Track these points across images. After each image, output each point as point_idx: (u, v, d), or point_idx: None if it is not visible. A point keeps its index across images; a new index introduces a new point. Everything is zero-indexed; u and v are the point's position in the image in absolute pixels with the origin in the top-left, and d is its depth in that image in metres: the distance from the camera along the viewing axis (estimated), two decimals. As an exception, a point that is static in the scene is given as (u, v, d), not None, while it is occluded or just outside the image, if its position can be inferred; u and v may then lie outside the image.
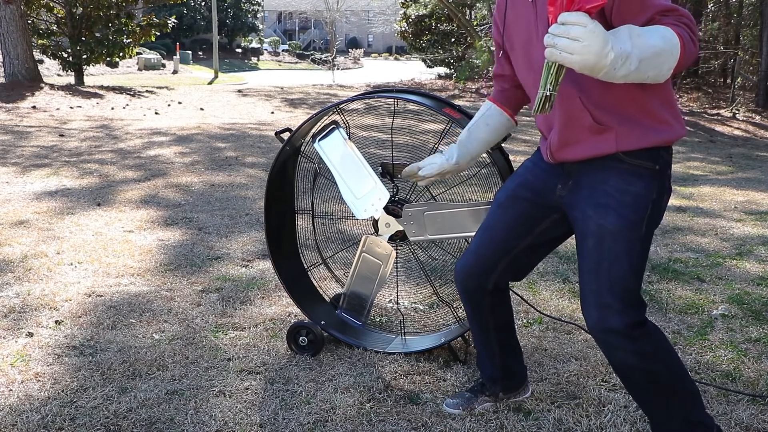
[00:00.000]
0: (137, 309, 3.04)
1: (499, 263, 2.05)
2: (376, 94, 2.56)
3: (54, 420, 2.13)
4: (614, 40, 1.51)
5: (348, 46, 53.73)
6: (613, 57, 1.50)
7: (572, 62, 1.51)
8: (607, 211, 1.76)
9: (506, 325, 2.22)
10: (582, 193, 1.82)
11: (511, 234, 2.01)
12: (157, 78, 25.79)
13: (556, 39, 1.51)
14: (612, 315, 1.75)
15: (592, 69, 1.52)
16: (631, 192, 1.76)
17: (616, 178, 1.77)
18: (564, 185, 1.88)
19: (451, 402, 2.26)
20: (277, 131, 2.64)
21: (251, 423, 2.15)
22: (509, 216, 2.01)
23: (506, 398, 2.27)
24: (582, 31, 1.48)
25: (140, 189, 5.51)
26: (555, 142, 1.84)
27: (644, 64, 1.54)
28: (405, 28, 23.11)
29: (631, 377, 1.84)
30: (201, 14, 38.44)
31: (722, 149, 9.83)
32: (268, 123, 10.53)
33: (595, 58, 1.49)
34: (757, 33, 16.01)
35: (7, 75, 14.69)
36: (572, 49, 1.49)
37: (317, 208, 2.79)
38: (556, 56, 1.52)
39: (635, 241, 1.76)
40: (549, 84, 1.59)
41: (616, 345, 1.78)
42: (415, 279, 2.96)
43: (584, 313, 1.82)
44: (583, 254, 1.82)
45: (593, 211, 1.78)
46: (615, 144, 1.75)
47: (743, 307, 3.16)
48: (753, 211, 5.27)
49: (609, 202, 1.77)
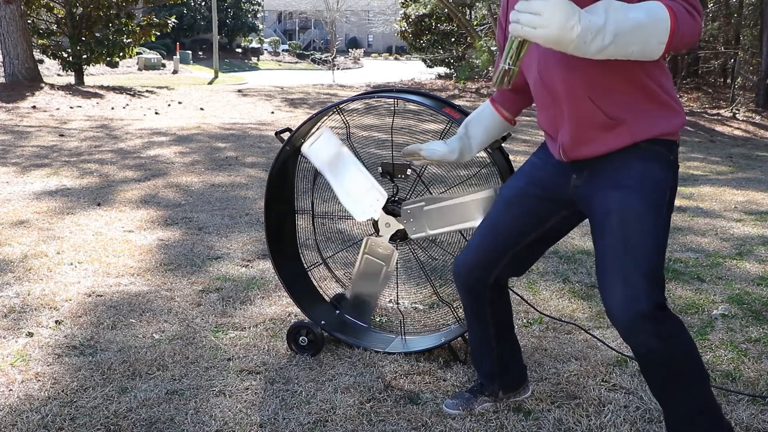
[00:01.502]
0: (137, 309, 3.04)
1: (502, 259, 2.05)
2: (376, 94, 2.56)
3: (54, 420, 2.13)
4: (583, 13, 1.50)
5: (348, 46, 53.73)
6: (580, 30, 1.48)
7: (535, 36, 1.51)
8: (630, 191, 1.75)
9: (505, 321, 2.22)
10: (601, 177, 1.81)
11: (516, 231, 2.01)
12: (157, 78, 25.79)
13: (519, 15, 1.51)
14: (639, 295, 1.70)
15: (558, 42, 1.50)
16: (652, 175, 1.76)
17: (636, 162, 1.77)
18: (579, 175, 1.86)
19: (450, 402, 2.26)
20: (277, 131, 2.64)
21: (251, 423, 2.15)
22: (516, 213, 2.00)
23: (506, 398, 2.27)
24: (542, 4, 1.48)
25: (140, 189, 5.51)
26: (567, 142, 1.82)
27: (623, 38, 1.52)
28: (405, 28, 23.11)
29: (652, 362, 1.79)
30: (201, 14, 38.44)
31: (722, 149, 9.83)
32: (268, 123, 10.53)
33: (558, 31, 1.48)
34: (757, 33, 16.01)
35: (7, 75, 14.69)
36: (534, 23, 1.49)
37: (317, 208, 2.79)
38: (518, 31, 1.52)
39: (660, 221, 1.75)
40: (509, 58, 1.61)
41: (640, 328, 1.71)
42: (415, 279, 2.96)
43: (607, 292, 1.75)
44: (605, 234, 1.77)
45: (617, 192, 1.77)
46: (630, 136, 1.75)
47: (743, 307, 3.16)
48: (753, 211, 5.27)
49: (632, 184, 1.76)
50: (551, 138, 1.92)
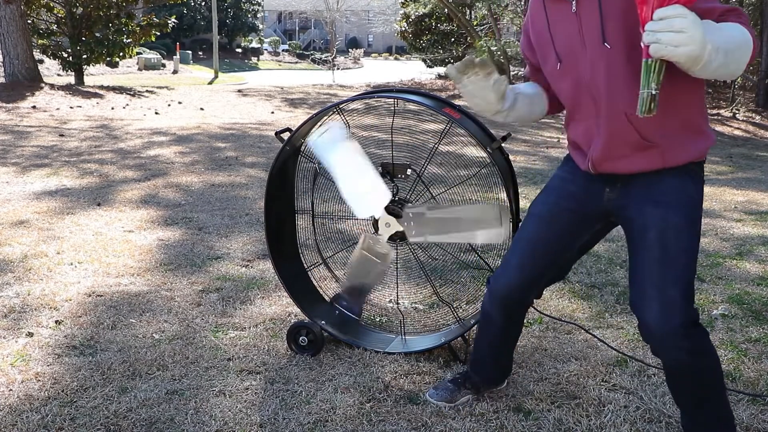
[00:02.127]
0: (137, 309, 3.04)
1: (542, 278, 2.06)
2: (376, 94, 2.56)
3: (54, 420, 2.13)
4: (706, 31, 1.50)
5: (348, 46, 53.72)
6: (710, 48, 1.49)
7: (679, 54, 1.49)
8: (668, 207, 1.77)
9: (521, 328, 2.26)
10: (636, 192, 1.82)
11: (555, 249, 2.00)
12: (157, 78, 25.77)
13: (659, 35, 1.48)
14: (675, 311, 1.72)
15: (696, 59, 1.50)
16: (687, 191, 1.78)
17: (670, 178, 1.78)
18: (612, 188, 1.86)
19: (433, 393, 2.29)
20: (277, 131, 2.63)
21: (251, 423, 2.15)
22: (552, 231, 1.98)
23: (486, 391, 2.31)
24: (685, 22, 1.46)
25: (140, 189, 5.51)
26: (597, 156, 1.81)
27: (729, 57, 1.54)
28: (405, 28, 23.10)
29: (680, 374, 1.82)
30: (201, 14, 38.42)
31: (722, 149, 9.83)
32: (268, 123, 10.53)
33: (700, 49, 1.48)
34: (757, 33, 16.01)
35: (7, 75, 14.68)
36: (678, 41, 1.47)
37: (317, 208, 2.79)
38: (662, 51, 1.49)
39: (695, 238, 1.78)
40: (652, 82, 1.55)
41: (674, 343, 1.74)
42: (415, 279, 2.96)
43: (643, 308, 1.76)
44: (642, 248, 1.78)
45: (654, 208, 1.78)
46: (661, 161, 1.77)
47: (743, 307, 3.16)
48: (753, 211, 5.27)
49: (669, 200, 1.77)
50: (580, 150, 1.90)
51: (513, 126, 10.77)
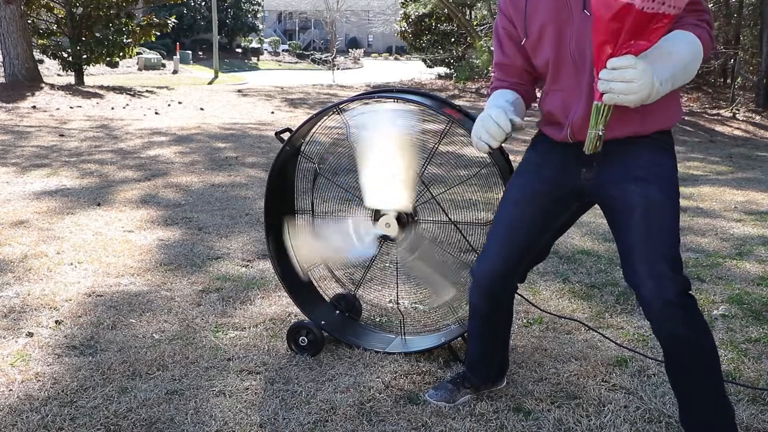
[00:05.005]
0: (137, 309, 3.04)
1: (523, 262, 2.09)
2: (376, 94, 2.55)
3: (54, 420, 2.13)
4: (655, 69, 1.63)
5: (348, 46, 53.70)
6: (658, 85, 1.64)
7: (628, 101, 1.64)
8: (648, 184, 1.82)
9: (510, 319, 2.28)
10: (614, 170, 1.86)
11: (533, 232, 2.02)
12: (157, 78, 25.78)
13: (612, 84, 1.63)
14: (667, 283, 1.79)
15: (646, 100, 1.65)
16: (664, 165, 1.85)
17: (647, 153, 1.85)
18: (589, 168, 1.90)
19: (433, 393, 2.29)
20: (277, 131, 2.63)
21: (251, 423, 2.15)
22: (529, 215, 2.00)
23: (485, 390, 2.31)
24: (634, 73, 1.60)
25: (140, 189, 5.51)
26: (578, 122, 1.86)
27: (678, 79, 1.70)
28: (405, 28, 23.09)
29: (680, 351, 1.85)
30: (201, 14, 38.42)
31: (722, 149, 9.83)
32: (268, 123, 10.53)
33: (648, 92, 1.63)
34: (757, 33, 16.00)
35: (7, 75, 14.68)
36: (628, 90, 1.62)
37: (317, 208, 2.79)
38: (614, 99, 1.65)
39: (676, 209, 1.84)
40: (600, 124, 1.73)
41: (670, 315, 1.80)
42: (415, 279, 2.96)
43: (637, 285, 1.83)
44: (629, 228, 1.84)
45: (635, 185, 1.83)
46: (640, 125, 1.83)
47: (743, 307, 3.16)
48: (753, 211, 5.27)
49: (648, 176, 1.83)
50: (557, 124, 1.93)
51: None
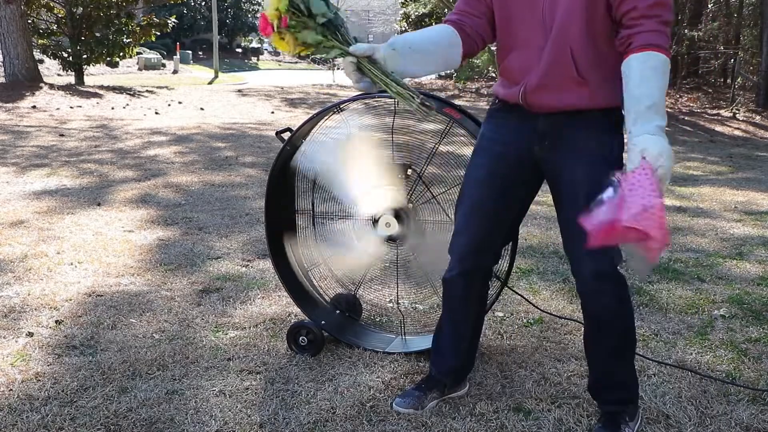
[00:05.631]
0: (137, 309, 3.04)
1: (492, 240, 2.13)
2: (376, 94, 2.55)
3: (54, 420, 2.13)
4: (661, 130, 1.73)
5: (348, 46, 53.61)
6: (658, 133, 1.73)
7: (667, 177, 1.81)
8: (594, 168, 1.88)
9: (483, 308, 2.30)
10: (564, 150, 1.94)
11: (495, 208, 2.08)
12: (157, 78, 25.76)
13: None
14: (604, 260, 1.90)
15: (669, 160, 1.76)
16: (611, 146, 1.93)
17: (595, 136, 1.91)
18: (541, 146, 1.97)
19: (401, 401, 2.24)
20: (277, 131, 2.63)
21: (251, 423, 2.15)
22: (491, 192, 2.06)
23: (450, 393, 2.29)
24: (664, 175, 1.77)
25: (140, 189, 5.51)
26: (532, 85, 1.91)
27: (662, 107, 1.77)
28: (405, 28, 23.09)
29: (609, 324, 2.00)
30: (201, 14, 38.41)
31: (722, 149, 9.83)
32: (268, 123, 10.54)
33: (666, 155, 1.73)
34: (757, 33, 16.02)
35: (7, 75, 14.68)
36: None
37: (317, 208, 2.79)
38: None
39: None
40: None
41: (605, 289, 1.94)
42: (415, 279, 2.96)
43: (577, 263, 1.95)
44: (571, 205, 1.92)
45: (581, 169, 1.91)
46: (589, 99, 1.89)
47: (743, 307, 3.16)
48: (753, 211, 5.27)
49: (595, 160, 1.90)
50: (512, 83, 1.97)
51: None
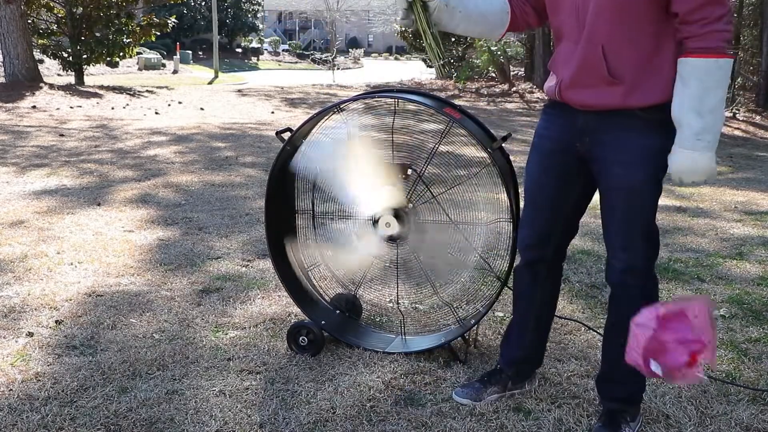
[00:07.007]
0: (137, 309, 3.04)
1: (552, 231, 2.16)
2: (376, 94, 2.56)
3: (54, 420, 2.13)
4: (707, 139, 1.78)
5: (348, 46, 53.73)
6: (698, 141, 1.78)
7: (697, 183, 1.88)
8: (633, 168, 1.91)
9: (551, 299, 2.32)
10: (604, 149, 1.95)
11: (552, 201, 2.12)
12: (157, 78, 25.77)
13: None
14: (638, 255, 1.97)
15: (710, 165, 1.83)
16: (652, 147, 1.90)
17: (636, 135, 1.90)
18: (582, 144, 1.99)
19: (460, 391, 2.30)
20: (278, 131, 2.63)
21: (251, 423, 2.15)
22: (545, 186, 2.11)
23: (514, 389, 2.31)
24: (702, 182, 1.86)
25: (140, 189, 5.51)
26: (566, 81, 1.94)
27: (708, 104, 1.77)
28: (405, 28, 23.08)
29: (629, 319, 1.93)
30: (201, 14, 38.42)
31: (722, 149, 9.82)
32: (268, 123, 10.53)
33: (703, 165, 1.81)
34: (757, 33, 16.02)
35: (7, 75, 14.69)
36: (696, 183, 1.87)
37: (317, 208, 2.79)
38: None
39: (657, 190, 1.95)
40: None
41: (632, 284, 1.99)
42: (415, 279, 2.96)
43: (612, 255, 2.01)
44: (610, 206, 1.99)
45: (620, 169, 1.92)
46: (622, 99, 1.88)
47: (743, 307, 3.16)
48: (753, 211, 5.27)
49: (634, 160, 1.91)
50: (553, 78, 2.02)
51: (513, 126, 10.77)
